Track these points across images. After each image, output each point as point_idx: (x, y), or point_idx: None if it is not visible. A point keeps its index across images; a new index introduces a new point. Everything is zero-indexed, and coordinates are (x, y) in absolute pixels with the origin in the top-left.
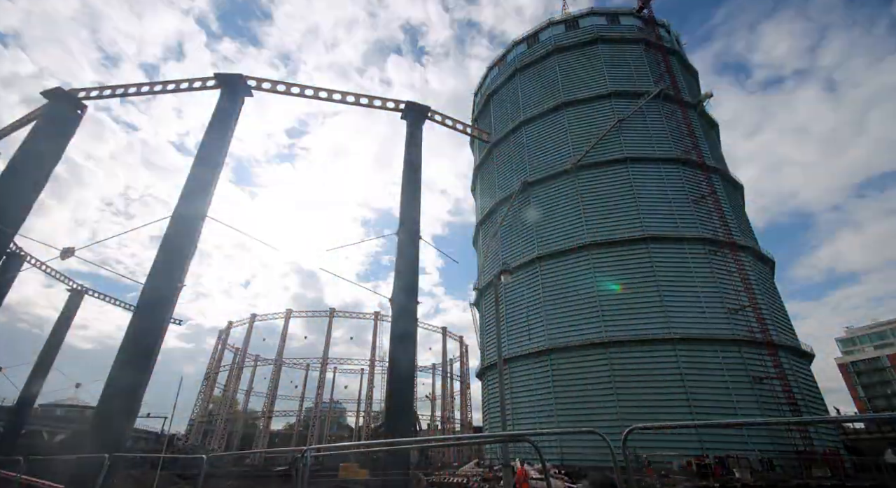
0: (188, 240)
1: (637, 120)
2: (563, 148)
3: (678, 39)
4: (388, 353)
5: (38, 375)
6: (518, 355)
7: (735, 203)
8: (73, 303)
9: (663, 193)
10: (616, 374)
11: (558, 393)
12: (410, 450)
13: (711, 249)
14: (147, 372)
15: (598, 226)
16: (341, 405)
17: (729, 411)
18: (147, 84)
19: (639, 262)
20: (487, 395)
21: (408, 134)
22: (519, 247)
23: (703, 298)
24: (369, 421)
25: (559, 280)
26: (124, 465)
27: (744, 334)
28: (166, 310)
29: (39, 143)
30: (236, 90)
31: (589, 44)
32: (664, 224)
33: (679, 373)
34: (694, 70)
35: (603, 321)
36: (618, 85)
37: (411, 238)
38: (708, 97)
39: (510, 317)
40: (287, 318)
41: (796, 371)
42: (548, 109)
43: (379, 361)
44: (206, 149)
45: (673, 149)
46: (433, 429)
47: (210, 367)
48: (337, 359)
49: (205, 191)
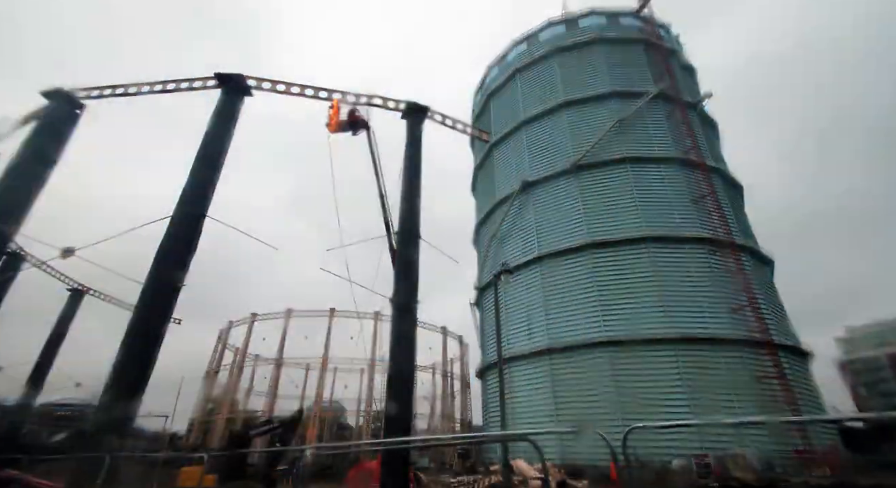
0: (188, 239)
1: (637, 120)
2: (563, 148)
3: (678, 39)
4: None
5: (38, 375)
6: (518, 355)
7: (735, 203)
8: (74, 303)
9: (663, 193)
10: (616, 374)
11: (558, 393)
12: (409, 451)
13: (711, 249)
14: (148, 373)
15: (598, 226)
16: (341, 405)
17: (729, 410)
18: (147, 84)
19: (639, 262)
20: (487, 395)
21: (408, 134)
22: (519, 247)
23: (703, 298)
24: (369, 421)
25: (559, 280)
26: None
27: (744, 334)
28: (166, 309)
29: (40, 143)
30: (236, 89)
31: (589, 44)
32: (664, 224)
33: (679, 373)
34: (694, 70)
35: (603, 321)
36: (618, 85)
37: (411, 238)
38: (708, 97)
39: (510, 317)
40: (287, 318)
41: (796, 371)
42: (548, 109)
43: (379, 361)
44: (207, 148)
45: (673, 149)
46: (433, 429)
47: (210, 366)
48: (337, 358)
49: (205, 191)
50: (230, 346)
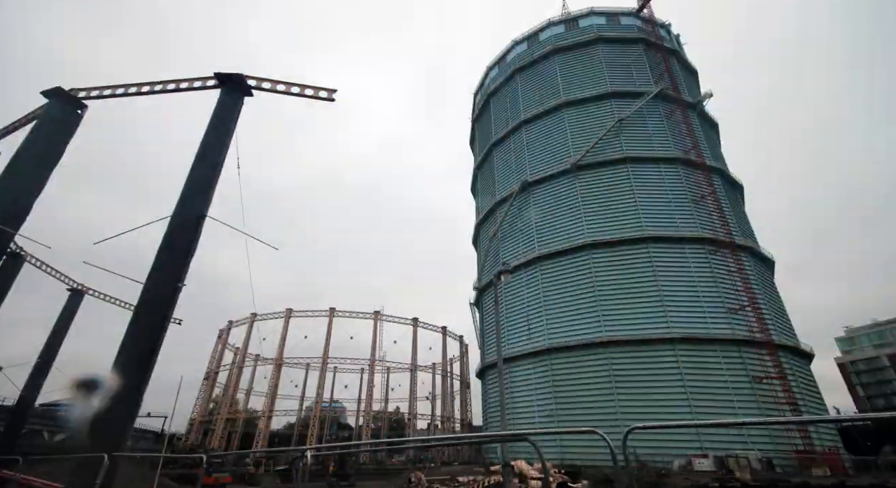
0: (188, 239)
1: (637, 120)
2: (563, 148)
3: (678, 39)
4: (386, 354)
5: (37, 376)
6: (518, 355)
7: (735, 203)
8: (74, 303)
9: (663, 193)
10: (616, 374)
11: (558, 393)
12: None
13: (711, 249)
14: (148, 373)
15: (598, 226)
16: (341, 405)
17: (729, 411)
18: (147, 84)
19: (639, 262)
20: (487, 395)
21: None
22: (519, 247)
23: (703, 298)
24: (368, 421)
25: (559, 280)
26: (124, 465)
27: (744, 334)
28: (166, 309)
29: (40, 143)
30: (236, 89)
31: (589, 44)
32: (664, 224)
33: (679, 373)
34: (694, 70)
35: (603, 321)
36: (618, 85)
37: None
38: (708, 97)
39: (510, 317)
40: (287, 318)
41: (796, 371)
42: (548, 109)
43: (379, 361)
44: (207, 148)
45: (673, 149)
46: (433, 429)
47: (210, 367)
48: (337, 358)
49: (205, 191)
50: (230, 346)
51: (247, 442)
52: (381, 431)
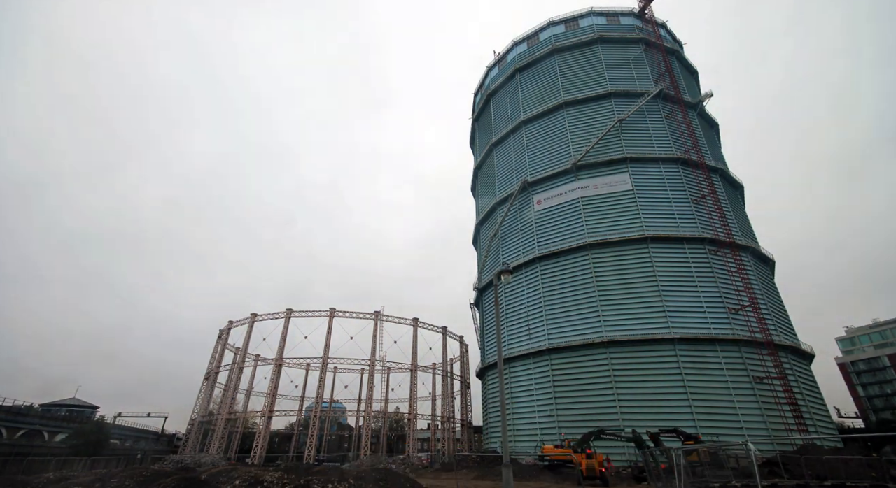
0: None
1: (637, 120)
2: (563, 148)
3: (679, 39)
4: (386, 354)
5: None
6: (518, 355)
7: (735, 203)
8: None
9: (663, 193)
10: (616, 374)
11: (558, 393)
12: None
13: (711, 249)
14: None
15: (598, 226)
16: (341, 405)
17: (729, 411)
18: None
19: (639, 262)
20: (487, 395)
21: None
22: (519, 247)
23: (703, 298)
24: (368, 421)
25: (559, 280)
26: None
27: (744, 334)
28: None
29: None
30: None
31: (589, 44)
32: (664, 224)
33: (679, 373)
34: (694, 70)
35: (603, 321)
36: (618, 85)
37: None
38: (708, 97)
39: (510, 317)
40: (287, 318)
41: (797, 371)
42: (548, 109)
43: (379, 361)
44: None
45: (673, 149)
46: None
47: (210, 367)
48: (337, 358)
49: None
50: (230, 347)
51: (247, 441)
52: (382, 431)
